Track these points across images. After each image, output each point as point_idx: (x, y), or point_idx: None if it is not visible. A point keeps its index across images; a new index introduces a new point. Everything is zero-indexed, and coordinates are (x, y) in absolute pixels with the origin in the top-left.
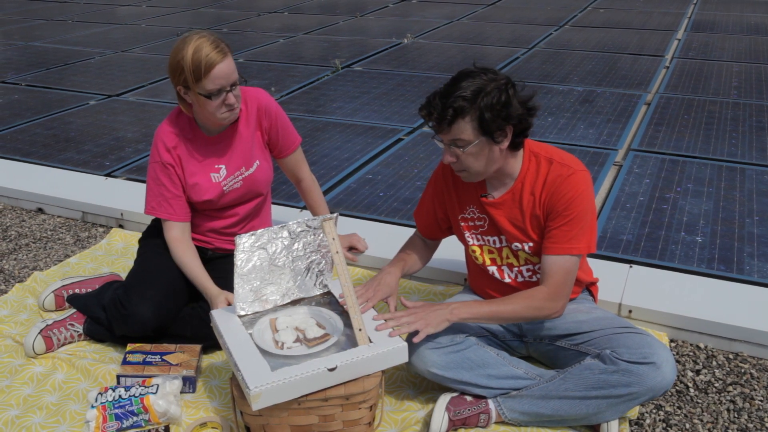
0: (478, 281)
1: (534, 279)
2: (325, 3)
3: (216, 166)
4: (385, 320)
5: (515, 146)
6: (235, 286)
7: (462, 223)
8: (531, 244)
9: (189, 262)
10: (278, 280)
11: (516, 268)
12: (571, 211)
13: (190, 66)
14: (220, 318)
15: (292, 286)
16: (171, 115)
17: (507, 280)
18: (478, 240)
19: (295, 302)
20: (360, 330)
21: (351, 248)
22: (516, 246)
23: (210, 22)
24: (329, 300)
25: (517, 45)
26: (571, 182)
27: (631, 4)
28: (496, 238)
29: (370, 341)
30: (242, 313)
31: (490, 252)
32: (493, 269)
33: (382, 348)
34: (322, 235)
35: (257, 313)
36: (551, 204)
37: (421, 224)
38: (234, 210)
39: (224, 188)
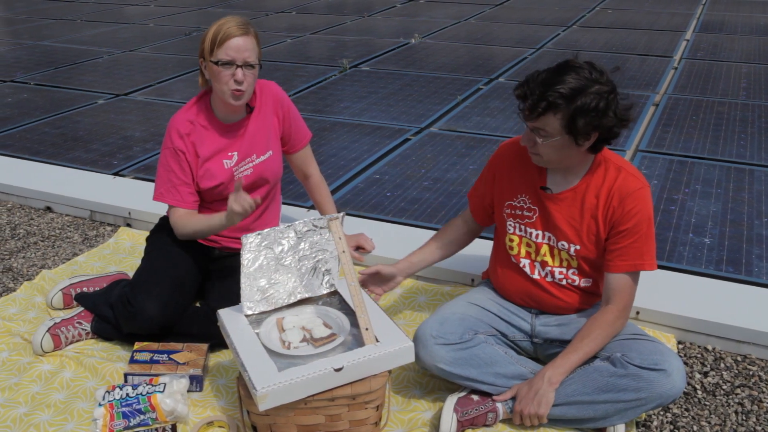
0: (501, 273)
1: (564, 283)
2: (333, 3)
3: (229, 153)
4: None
5: (596, 149)
6: (242, 286)
7: (507, 210)
8: (578, 247)
9: (198, 221)
10: (285, 279)
11: (548, 268)
12: (640, 227)
13: (210, 37)
14: (227, 317)
15: (298, 285)
16: (186, 105)
17: (536, 276)
18: (519, 230)
19: (302, 302)
20: (367, 329)
21: (358, 248)
22: (562, 245)
23: None
24: (336, 299)
25: (525, 45)
26: (640, 197)
27: (640, 4)
28: (540, 232)
29: (377, 341)
30: (249, 312)
31: (528, 245)
32: (525, 262)
33: (389, 348)
34: (328, 234)
35: (264, 312)
36: (621, 218)
37: (474, 205)
38: None
39: (235, 174)
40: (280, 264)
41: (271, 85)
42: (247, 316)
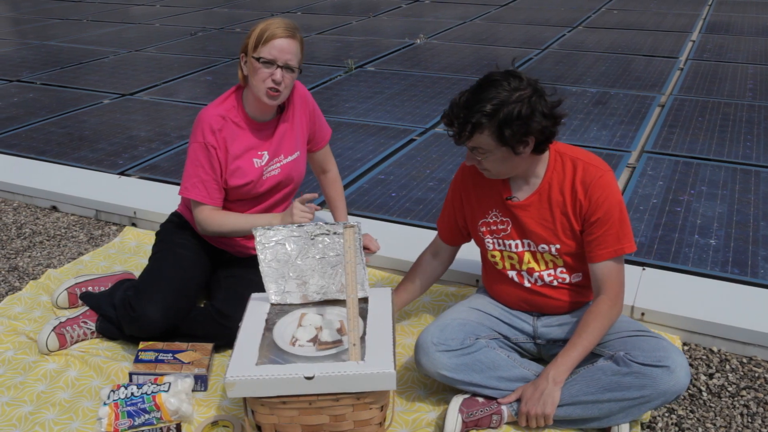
0: (495, 284)
1: (555, 283)
2: (338, 3)
3: (259, 152)
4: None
5: (540, 151)
6: (263, 275)
7: (483, 228)
8: (558, 246)
9: (234, 220)
10: (311, 277)
11: (536, 273)
12: (611, 213)
13: (256, 33)
14: (253, 303)
15: (327, 285)
16: (217, 100)
17: (527, 284)
18: (498, 245)
19: (334, 302)
20: (354, 345)
21: (363, 248)
22: (543, 248)
23: (223, 21)
24: (366, 307)
25: (530, 46)
26: (604, 185)
27: (646, 5)
28: (518, 242)
29: (362, 359)
30: (273, 300)
31: (510, 258)
32: (512, 274)
33: (368, 369)
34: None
35: (293, 304)
36: (589, 209)
37: (444, 231)
38: (266, 197)
39: (264, 174)
40: (297, 261)
41: (296, 83)
42: (273, 304)
